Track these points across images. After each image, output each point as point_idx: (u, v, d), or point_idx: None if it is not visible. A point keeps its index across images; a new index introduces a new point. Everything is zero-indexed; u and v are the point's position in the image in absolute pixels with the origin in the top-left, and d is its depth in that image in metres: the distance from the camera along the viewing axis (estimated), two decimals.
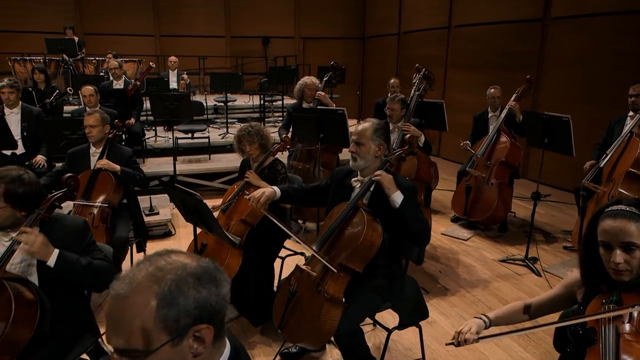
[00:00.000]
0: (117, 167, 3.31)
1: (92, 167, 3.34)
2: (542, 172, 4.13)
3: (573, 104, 5.99)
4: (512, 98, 4.64)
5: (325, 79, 5.21)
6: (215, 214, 3.18)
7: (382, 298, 2.35)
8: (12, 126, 4.18)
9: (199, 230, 2.82)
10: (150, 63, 6.38)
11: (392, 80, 5.96)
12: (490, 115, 4.96)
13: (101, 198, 3.23)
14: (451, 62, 8.43)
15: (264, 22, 11.53)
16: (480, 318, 1.72)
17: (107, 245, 2.34)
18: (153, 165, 6.05)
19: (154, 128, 7.14)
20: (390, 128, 4.36)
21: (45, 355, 1.87)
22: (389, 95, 5.25)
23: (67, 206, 4.04)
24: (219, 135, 7.12)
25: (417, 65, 4.64)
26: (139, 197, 3.95)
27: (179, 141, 6.54)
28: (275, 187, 2.52)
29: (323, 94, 4.89)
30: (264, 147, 3.23)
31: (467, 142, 4.71)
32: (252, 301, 3.01)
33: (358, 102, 10.06)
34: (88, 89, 4.79)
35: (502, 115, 4.67)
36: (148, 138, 6.79)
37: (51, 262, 1.89)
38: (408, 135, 2.48)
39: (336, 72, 5.22)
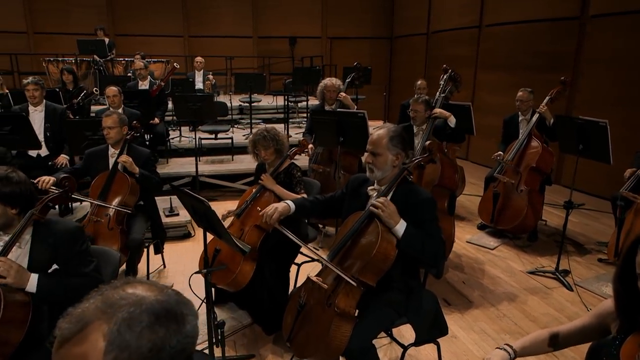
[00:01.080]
0: (137, 170, 3.29)
1: (110, 168, 3.33)
2: (577, 178, 3.89)
3: (611, 106, 5.67)
4: (545, 101, 4.39)
5: (347, 80, 5.09)
6: (230, 219, 3.14)
7: (397, 313, 2.21)
8: (35, 124, 4.22)
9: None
10: (175, 64, 6.41)
11: (418, 82, 5.79)
12: (520, 118, 4.72)
13: (117, 200, 3.21)
14: (481, 63, 8.17)
15: (291, 22, 11.49)
16: (504, 349, 1.54)
17: (115, 252, 2.28)
18: (176, 166, 6.07)
19: (179, 128, 7.20)
20: (415, 131, 4.21)
21: (42, 357, 1.84)
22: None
23: (86, 206, 4.08)
24: (243, 135, 7.10)
25: (444, 66, 4.46)
26: (159, 198, 3.93)
27: (203, 142, 6.56)
28: (289, 202, 2.41)
29: (344, 95, 4.76)
30: (279, 152, 3.14)
31: (500, 153, 4.49)
32: (266, 308, 2.94)
33: (385, 103, 9.89)
34: (112, 90, 4.83)
35: (534, 119, 4.43)
36: (173, 138, 6.84)
37: (31, 288, 1.82)
38: (428, 143, 2.34)
39: (359, 73, 5.09)
